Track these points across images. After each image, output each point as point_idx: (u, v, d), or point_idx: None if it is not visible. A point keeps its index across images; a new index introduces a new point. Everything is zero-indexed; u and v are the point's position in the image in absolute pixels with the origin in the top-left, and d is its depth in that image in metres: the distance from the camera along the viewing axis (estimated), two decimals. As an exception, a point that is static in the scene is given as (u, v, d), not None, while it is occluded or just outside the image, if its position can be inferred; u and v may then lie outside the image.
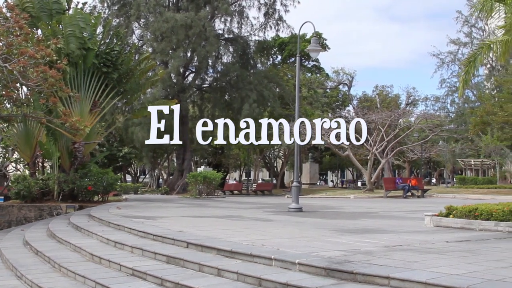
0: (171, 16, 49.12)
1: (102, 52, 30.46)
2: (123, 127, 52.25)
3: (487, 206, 16.13)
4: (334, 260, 9.42)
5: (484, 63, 77.95)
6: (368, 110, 55.00)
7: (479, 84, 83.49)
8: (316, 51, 26.83)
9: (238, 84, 52.60)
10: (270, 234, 13.78)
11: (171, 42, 49.32)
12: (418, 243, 12.06)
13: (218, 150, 68.35)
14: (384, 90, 74.18)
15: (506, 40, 18.98)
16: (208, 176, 40.66)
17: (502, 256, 10.26)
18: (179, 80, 53.48)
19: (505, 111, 49.89)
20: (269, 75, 57.63)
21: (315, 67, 75.56)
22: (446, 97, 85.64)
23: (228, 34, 57.38)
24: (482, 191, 48.82)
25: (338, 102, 75.50)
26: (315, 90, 67.53)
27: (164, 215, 20.64)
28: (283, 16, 57.91)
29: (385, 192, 44.31)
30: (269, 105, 54.57)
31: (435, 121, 59.42)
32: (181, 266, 10.76)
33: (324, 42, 71.68)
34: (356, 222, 18.22)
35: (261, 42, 60.35)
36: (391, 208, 27.53)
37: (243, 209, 26.14)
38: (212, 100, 56.68)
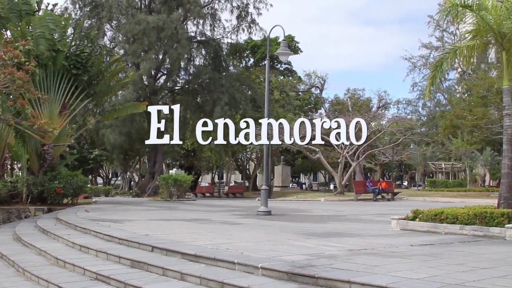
0: (143, 18, 48.90)
1: (72, 54, 30.27)
2: (94, 129, 51.95)
3: (452, 209, 16.29)
4: (297, 264, 9.48)
5: (455, 67, 78.76)
6: (339, 113, 55.20)
7: (450, 88, 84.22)
8: (285, 54, 26.93)
9: (210, 86, 52.48)
10: (236, 238, 13.80)
11: (143, 44, 49.10)
12: (382, 247, 12.16)
13: (190, 152, 68.22)
14: (356, 93, 74.57)
15: (472, 45, 19.18)
16: (179, 178, 40.54)
17: (464, 260, 10.37)
18: (150, 82, 53.27)
19: (474, 115, 50.29)
20: (241, 78, 57.61)
21: (288, 70, 75.71)
22: (417, 101, 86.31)
23: (200, 37, 57.27)
24: (452, 194, 49.22)
25: (310, 105, 75.72)
26: (287, 93, 67.64)
27: (132, 218, 20.54)
28: (255, 19, 57.90)
29: (355, 195, 44.51)
30: (241, 107, 54.51)
31: (406, 125, 59.82)
32: (145, 270, 10.74)
33: (296, 45, 71.93)
34: (324, 226, 18.31)
35: (234, 45, 60.28)
36: (360, 211, 27.68)
37: (212, 212, 26.12)
38: (183, 102, 56.23)
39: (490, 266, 9.64)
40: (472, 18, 18.95)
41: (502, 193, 17.72)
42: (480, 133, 53.14)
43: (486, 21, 17.74)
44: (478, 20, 18.29)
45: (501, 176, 18.22)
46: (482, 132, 52.71)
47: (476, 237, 14.41)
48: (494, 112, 50.56)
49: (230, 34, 58.68)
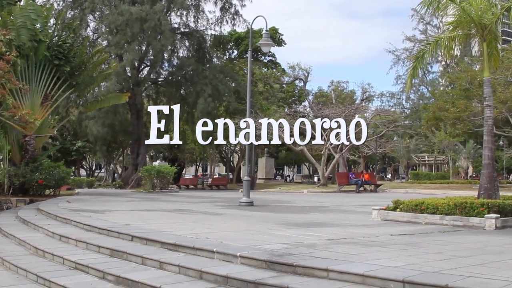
0: (126, 9, 48.70)
1: (54, 45, 30.14)
2: (77, 121, 51.82)
3: (433, 200, 16.38)
4: (276, 253, 9.48)
5: (439, 60, 79.10)
6: (323, 106, 55.28)
7: (434, 80, 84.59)
8: (267, 45, 26.84)
9: (194, 78, 52.39)
10: (217, 228, 13.81)
11: (126, 35, 48.91)
12: (362, 236, 12.20)
13: (174, 144, 67.98)
14: (340, 85, 74.71)
15: (453, 37, 19.24)
16: (161, 170, 40.49)
17: (443, 249, 10.42)
18: (133, 73, 53.06)
19: (457, 107, 50.53)
20: (225, 70, 57.55)
21: (272, 62, 75.63)
22: (401, 93, 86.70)
23: (184, 28, 57.06)
24: (435, 186, 49.49)
25: (295, 97, 75.67)
26: (271, 85, 67.59)
27: (113, 209, 20.49)
28: (239, 11, 57.84)
29: (338, 187, 44.61)
30: (225, 99, 54.51)
31: (389, 117, 59.95)
32: (125, 259, 10.71)
33: (280, 38, 71.90)
34: (305, 216, 18.33)
35: (217, 37, 60.25)
36: (342, 203, 27.75)
37: (195, 203, 26.09)
38: (167, 94, 56.40)
39: (468, 254, 9.69)
40: (454, 9, 19.01)
41: (483, 183, 17.82)
42: (463, 125, 53.44)
43: (467, 12, 17.79)
44: (460, 11, 18.34)
45: (482, 167, 18.32)
46: (464, 125, 53.02)
47: (456, 227, 14.47)
48: (476, 104, 50.83)
49: (214, 26, 58.63)
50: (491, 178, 17.64)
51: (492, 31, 18.51)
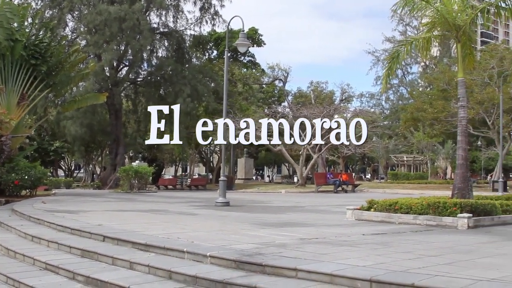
0: (105, 8, 48.49)
1: (31, 44, 29.96)
2: (55, 121, 51.55)
3: (407, 200, 16.48)
4: (246, 253, 9.49)
5: (418, 61, 79.55)
6: (302, 106, 55.33)
7: (413, 81, 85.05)
8: (244, 45, 26.73)
9: (173, 78, 52.26)
10: (189, 228, 13.79)
11: (105, 35, 48.68)
12: (334, 236, 12.23)
13: (153, 144, 67.80)
14: (319, 86, 74.84)
15: (428, 37, 19.36)
16: (139, 170, 40.37)
17: (413, 248, 10.48)
18: (112, 73, 52.87)
19: (434, 108, 50.85)
20: (204, 70, 57.46)
21: (251, 63, 75.63)
22: (381, 94, 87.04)
23: (163, 28, 56.90)
24: (413, 186, 49.79)
25: (274, 97, 75.74)
26: (250, 86, 67.59)
27: (88, 209, 20.39)
28: (219, 11, 57.74)
29: (316, 187, 44.72)
30: (204, 100, 54.44)
31: (368, 118, 60.10)
32: (95, 259, 10.66)
33: (260, 38, 71.87)
34: (280, 216, 18.36)
35: (197, 37, 60.16)
36: (319, 203, 27.83)
37: (171, 203, 26.06)
38: (146, 94, 56.18)
39: (437, 254, 9.74)
40: (430, 10, 19.13)
41: (456, 183, 17.97)
42: (441, 126, 53.77)
43: (442, 13, 17.90)
44: (434, 12, 18.46)
45: (456, 167, 18.45)
46: (442, 125, 53.36)
47: (429, 226, 14.56)
48: (454, 105, 51.13)
49: (193, 26, 58.52)
50: (464, 178, 17.79)
51: (467, 32, 18.65)
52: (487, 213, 15.44)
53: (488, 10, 18.85)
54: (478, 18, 19.10)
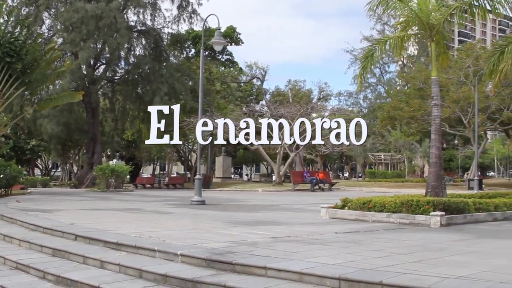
0: (82, 6, 48.10)
1: (6, 42, 29.70)
2: (31, 119, 51.11)
3: (380, 198, 16.56)
4: (217, 251, 9.51)
5: (396, 60, 79.88)
6: (280, 104, 55.36)
7: (391, 80, 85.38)
8: (219, 44, 26.68)
9: (150, 77, 51.99)
10: (162, 227, 13.77)
11: (81, 33, 48.33)
12: (306, 234, 12.27)
13: (131, 143, 67.59)
14: (297, 85, 74.91)
15: (402, 36, 19.44)
16: (116, 169, 40.18)
17: (384, 246, 10.54)
18: (89, 71, 52.43)
19: (411, 106, 51.07)
20: (182, 68, 57.18)
21: (229, 61, 75.41)
22: (359, 93, 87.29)
23: (140, 26, 56.55)
24: (389, 184, 49.99)
25: (252, 96, 75.71)
26: (228, 84, 67.51)
27: (62, 208, 20.30)
28: (196, 9, 57.44)
29: (293, 186, 44.76)
30: (181, 98, 54.20)
31: (346, 116, 60.23)
32: (66, 258, 10.63)
33: (238, 37, 71.70)
34: (254, 215, 18.38)
35: (175, 35, 59.83)
36: (294, 201, 27.88)
37: (147, 202, 25.98)
38: (123, 92, 55.89)
39: (408, 252, 9.81)
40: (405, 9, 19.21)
41: (430, 182, 18.10)
42: (417, 124, 54.02)
43: (415, 12, 17.99)
44: (408, 11, 18.55)
45: (429, 165, 18.56)
46: (419, 124, 53.60)
47: (402, 224, 14.64)
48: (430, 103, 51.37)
49: (171, 24, 58.19)
50: (438, 176, 17.91)
51: (440, 31, 18.76)
52: (460, 211, 15.54)
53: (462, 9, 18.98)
54: (454, 17, 19.24)
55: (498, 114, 48.80)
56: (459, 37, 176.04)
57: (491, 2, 18.37)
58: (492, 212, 16.70)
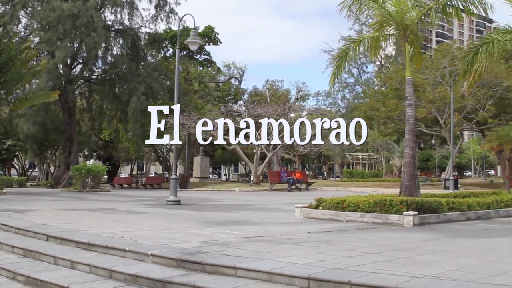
0: (58, 5, 47.83)
1: (-20, 41, 29.54)
2: (7, 119, 50.70)
3: (354, 198, 16.61)
4: (187, 251, 9.51)
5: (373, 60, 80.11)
6: (257, 104, 55.35)
7: (368, 80, 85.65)
8: (195, 43, 26.76)
9: (127, 76, 51.73)
10: (135, 227, 13.74)
11: (58, 32, 48.01)
12: (279, 234, 12.28)
13: (108, 143, 67.33)
14: (275, 85, 74.92)
15: (376, 37, 19.52)
16: (92, 169, 40.02)
17: (355, 245, 10.58)
18: (65, 71, 52.14)
19: (387, 106, 51.26)
20: (159, 68, 56.98)
21: (207, 61, 75.28)
22: (337, 93, 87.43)
23: (118, 26, 56.22)
24: (366, 184, 50.17)
25: (230, 96, 75.63)
26: (206, 84, 67.41)
27: (37, 208, 20.18)
28: (174, 9, 57.24)
29: (270, 185, 44.77)
30: (159, 98, 54.04)
31: (324, 116, 60.29)
32: (37, 259, 10.57)
33: (216, 36, 71.61)
34: (229, 215, 18.39)
35: (152, 35, 59.58)
36: (271, 201, 27.91)
37: (122, 202, 25.90)
38: (100, 92, 55.57)
39: (378, 251, 9.85)
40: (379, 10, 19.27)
41: (404, 181, 18.19)
42: (394, 124, 54.23)
43: (389, 12, 18.07)
44: (383, 12, 18.61)
45: (403, 165, 18.65)
46: (395, 124, 53.80)
47: (375, 224, 14.70)
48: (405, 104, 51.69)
49: (149, 24, 57.96)
50: (412, 176, 18.00)
51: (414, 31, 18.85)
52: (433, 211, 15.62)
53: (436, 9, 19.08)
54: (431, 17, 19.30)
55: (473, 114, 49.11)
56: (436, 38, 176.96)
57: (465, 3, 18.52)
58: (465, 212, 16.79)
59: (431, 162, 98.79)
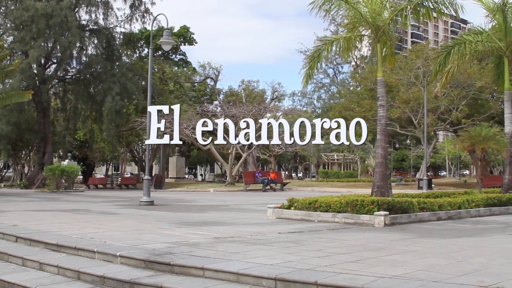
0: (32, 4, 47.49)
1: (-48, 40, 29.23)
2: (-20, 119, 50.28)
3: (326, 198, 16.66)
4: (156, 252, 9.50)
5: (349, 60, 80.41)
6: (233, 105, 55.33)
7: (344, 80, 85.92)
8: (168, 43, 26.64)
9: (102, 76, 51.45)
10: (106, 228, 13.68)
11: (32, 31, 47.64)
12: (250, 234, 12.30)
13: (84, 143, 66.98)
14: (250, 85, 74.88)
15: (349, 37, 19.59)
16: (66, 169, 39.79)
17: (325, 246, 10.61)
18: (39, 71, 51.80)
19: (362, 107, 51.40)
20: (134, 68, 56.76)
21: (182, 61, 75.09)
22: (312, 93, 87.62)
23: (93, 25, 55.84)
24: (341, 184, 50.32)
25: (206, 96, 75.48)
26: (181, 84, 67.24)
27: (8, 209, 20.07)
28: (149, 9, 57.05)
29: (244, 186, 44.78)
30: (134, 98, 53.85)
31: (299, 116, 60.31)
32: (5, 260, 10.52)
33: (191, 36, 71.46)
34: (201, 215, 18.38)
35: (127, 35, 59.35)
36: (245, 201, 27.92)
37: (95, 202, 25.79)
38: (75, 92, 55.18)
39: (347, 251, 9.90)
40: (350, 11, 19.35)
41: (376, 181, 18.28)
42: (368, 125, 54.30)
43: (361, 13, 18.15)
44: (355, 12, 18.69)
45: (375, 165, 18.71)
46: (370, 124, 53.86)
47: (347, 224, 14.76)
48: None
49: (124, 24, 57.70)
50: (384, 176, 18.10)
51: (386, 32, 18.95)
52: (404, 211, 15.72)
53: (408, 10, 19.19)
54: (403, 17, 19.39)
55: (447, 114, 49.38)
56: (412, 38, 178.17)
57: (435, 4, 18.66)
58: (436, 212, 16.91)
59: (406, 162, 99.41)
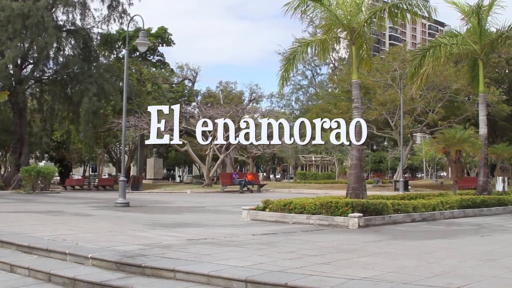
0: (8, 4, 47.14)
1: None
2: (-45, 120, 49.92)
3: (301, 200, 16.70)
4: (128, 254, 9.48)
5: (328, 62, 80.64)
6: (210, 106, 55.28)
7: (322, 82, 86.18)
8: (143, 44, 26.78)
9: (79, 77, 51.21)
10: (79, 229, 13.62)
11: (8, 32, 47.32)
12: (223, 236, 12.31)
13: (61, 144, 66.59)
14: (228, 86, 74.88)
15: (324, 39, 19.65)
16: (42, 170, 39.55)
17: (298, 248, 10.65)
18: (16, 71, 51.41)
19: (339, 109, 51.58)
20: (112, 69, 56.53)
21: (160, 62, 74.89)
22: (291, 95, 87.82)
23: (70, 26, 55.56)
24: (319, 186, 50.47)
25: (184, 97, 75.35)
26: (159, 85, 67.07)
27: (-18, 211, 19.93)
28: (127, 10, 56.87)
29: (221, 187, 44.72)
30: (111, 99, 53.63)
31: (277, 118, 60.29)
32: (-24, 263, 10.42)
33: (169, 38, 71.35)
34: (176, 217, 18.36)
35: (105, 35, 59.10)
36: (221, 203, 27.91)
37: (71, 204, 25.65)
38: (51, 93, 54.89)
39: (319, 253, 9.93)
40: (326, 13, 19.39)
41: (351, 183, 18.34)
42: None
43: (336, 15, 18.21)
44: (330, 14, 18.74)
45: (350, 167, 18.77)
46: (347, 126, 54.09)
47: (321, 226, 14.81)
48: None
49: (101, 24, 57.47)
50: (358, 178, 18.15)
51: (361, 34, 19.03)
52: (378, 213, 15.80)
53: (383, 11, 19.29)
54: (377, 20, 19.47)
55: (424, 116, 49.72)
56: (390, 41, 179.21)
57: (409, 6, 18.78)
58: (410, 213, 17.01)
59: (384, 164, 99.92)
